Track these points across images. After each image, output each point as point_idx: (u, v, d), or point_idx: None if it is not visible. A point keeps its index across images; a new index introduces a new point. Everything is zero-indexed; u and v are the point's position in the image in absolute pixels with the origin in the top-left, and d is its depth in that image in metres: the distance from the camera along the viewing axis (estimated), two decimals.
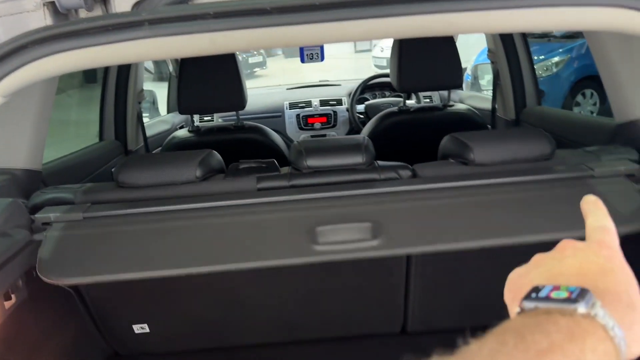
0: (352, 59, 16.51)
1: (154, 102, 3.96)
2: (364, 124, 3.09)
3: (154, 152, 2.83)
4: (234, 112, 2.46)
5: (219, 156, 1.59)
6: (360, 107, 3.58)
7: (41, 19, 0.98)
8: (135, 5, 0.96)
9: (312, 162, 1.47)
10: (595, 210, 0.54)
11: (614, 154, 1.49)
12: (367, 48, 16.73)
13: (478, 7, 0.94)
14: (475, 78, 5.49)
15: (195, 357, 1.85)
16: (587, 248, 0.50)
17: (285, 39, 0.87)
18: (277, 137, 2.57)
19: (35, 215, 1.35)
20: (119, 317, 1.73)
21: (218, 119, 3.46)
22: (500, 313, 1.66)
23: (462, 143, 1.48)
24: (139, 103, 2.74)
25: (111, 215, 1.36)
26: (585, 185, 1.35)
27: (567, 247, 0.51)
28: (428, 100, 3.62)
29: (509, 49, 2.58)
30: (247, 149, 2.39)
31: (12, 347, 1.30)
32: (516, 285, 0.51)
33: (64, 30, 0.89)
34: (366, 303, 1.80)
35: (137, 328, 1.77)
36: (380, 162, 1.54)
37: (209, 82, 2.25)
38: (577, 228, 1.36)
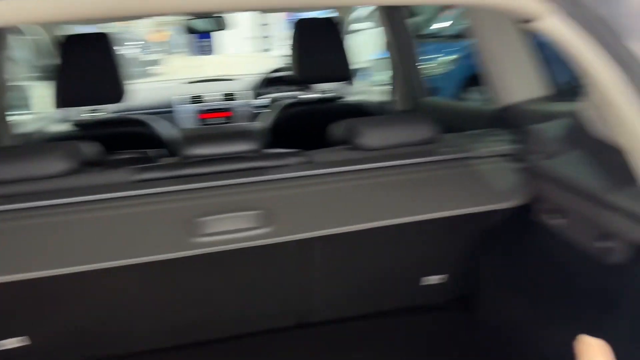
0: (258, 57, 16.40)
1: (28, 98, 3.63)
2: None
3: None
4: (128, 107, 2.32)
5: (93, 147, 1.45)
6: (264, 101, 3.52)
7: None
8: None
9: (197, 150, 1.38)
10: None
11: (493, 136, 1.55)
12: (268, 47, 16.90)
13: None
14: (374, 73, 5.66)
15: None
16: None
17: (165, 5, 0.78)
18: (166, 130, 2.43)
19: None
20: None
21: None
22: (396, 296, 1.67)
23: (352, 128, 1.48)
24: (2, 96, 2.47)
25: None
26: (466, 165, 1.40)
27: None
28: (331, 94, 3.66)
29: (404, 43, 2.65)
30: (132, 143, 2.24)
31: None
32: None
33: None
34: (262, 297, 1.74)
35: (6, 342, 1.58)
36: (270, 150, 1.49)
37: (85, 73, 2.09)
38: (460, 207, 1.40)
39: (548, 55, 1.69)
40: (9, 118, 2.49)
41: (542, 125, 1.39)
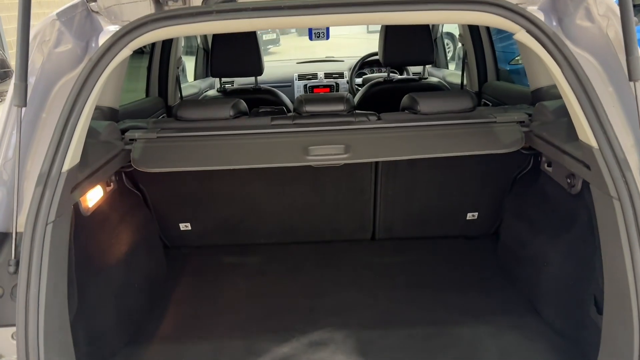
0: (364, 39, 16.91)
1: (183, 70, 4.66)
2: None
3: None
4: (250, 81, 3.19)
5: (244, 103, 2.28)
6: (359, 80, 4.25)
7: (147, 7, 1.66)
8: (203, 1, 1.63)
9: (309, 108, 2.15)
10: None
11: (517, 109, 2.15)
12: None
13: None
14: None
15: (222, 250, 2.59)
16: None
17: (300, 22, 1.53)
18: (286, 99, 3.27)
19: (125, 134, 2.05)
20: (169, 216, 2.46)
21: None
22: (440, 225, 2.60)
23: (413, 99, 2.16)
24: (178, 68, 3.43)
25: (174, 136, 2.06)
26: (488, 126, 2.03)
27: None
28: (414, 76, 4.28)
29: (475, 35, 3.21)
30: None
31: (109, 215, 2.02)
32: None
33: (164, 15, 1.57)
34: (348, 217, 2.53)
35: (182, 226, 2.51)
36: (356, 111, 2.22)
37: (235, 52, 2.95)
38: (479, 150, 2.06)
39: None
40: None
41: (545, 103, 1.97)
